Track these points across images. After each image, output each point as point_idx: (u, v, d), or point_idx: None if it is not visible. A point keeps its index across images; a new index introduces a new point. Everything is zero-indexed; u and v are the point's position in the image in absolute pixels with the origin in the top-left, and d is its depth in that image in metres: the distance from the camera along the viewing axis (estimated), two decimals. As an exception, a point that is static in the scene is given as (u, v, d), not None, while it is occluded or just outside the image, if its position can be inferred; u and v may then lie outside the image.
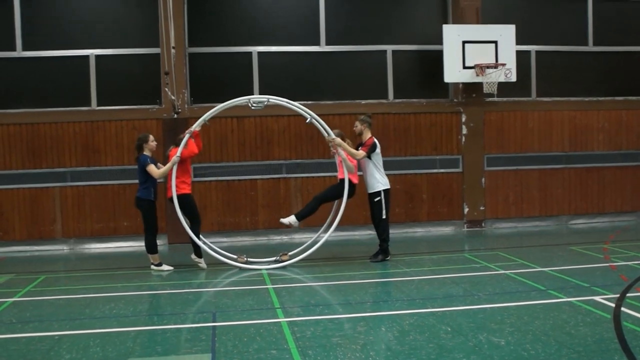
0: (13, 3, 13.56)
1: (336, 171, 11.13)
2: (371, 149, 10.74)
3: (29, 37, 13.69)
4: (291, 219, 10.61)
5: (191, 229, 10.48)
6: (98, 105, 13.78)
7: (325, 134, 10.68)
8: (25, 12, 13.65)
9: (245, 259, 10.80)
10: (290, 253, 11.00)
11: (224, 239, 13.74)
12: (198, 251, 10.67)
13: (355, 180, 10.77)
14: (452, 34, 14.09)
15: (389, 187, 10.95)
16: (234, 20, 14.30)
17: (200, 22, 14.12)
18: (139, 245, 11.42)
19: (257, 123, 13.87)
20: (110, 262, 11.11)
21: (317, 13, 14.39)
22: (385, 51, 14.63)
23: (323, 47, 14.44)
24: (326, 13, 14.41)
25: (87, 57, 13.78)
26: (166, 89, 12.60)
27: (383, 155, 10.99)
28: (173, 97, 12.66)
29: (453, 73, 14.12)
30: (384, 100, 14.62)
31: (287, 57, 14.38)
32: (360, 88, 14.59)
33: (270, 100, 10.64)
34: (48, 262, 12.15)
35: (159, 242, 11.09)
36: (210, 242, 11.11)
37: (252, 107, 10.66)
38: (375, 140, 10.89)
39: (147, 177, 10.47)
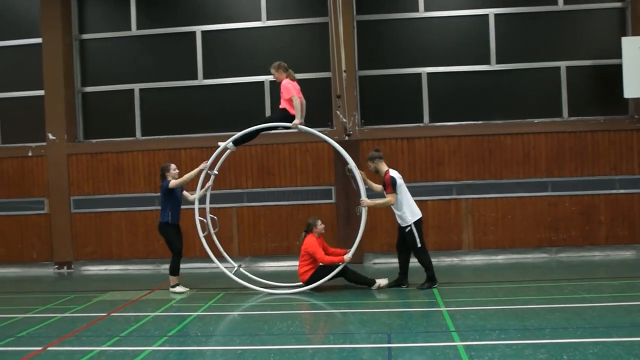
0: (195, 36, 14.62)
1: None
2: (394, 185, 10.46)
3: (208, 67, 14.70)
4: (229, 144, 11.11)
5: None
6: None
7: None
8: (205, 44, 14.70)
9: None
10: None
11: (392, 260, 13.70)
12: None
13: (292, 112, 10.82)
14: (633, 47, 13.30)
15: (419, 216, 10.61)
16: (403, 42, 14.42)
17: (369, 45, 14.39)
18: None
19: (428, 144, 13.85)
20: (284, 281, 11.45)
21: (487, 31, 14.17)
22: (558, 67, 14.10)
23: (493, 66, 14.18)
24: (496, 31, 14.16)
25: (262, 82, 14.49)
26: (338, 112, 12.91)
27: (557, 176, 10.58)
28: (344, 120, 12.94)
29: (634, 88, 13.31)
30: (557, 119, 14.08)
31: (456, 77, 14.27)
32: (533, 106, 14.14)
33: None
34: (226, 280, 12.48)
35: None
36: (381, 262, 11.16)
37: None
38: (392, 172, 10.62)
39: (166, 202, 11.31)
